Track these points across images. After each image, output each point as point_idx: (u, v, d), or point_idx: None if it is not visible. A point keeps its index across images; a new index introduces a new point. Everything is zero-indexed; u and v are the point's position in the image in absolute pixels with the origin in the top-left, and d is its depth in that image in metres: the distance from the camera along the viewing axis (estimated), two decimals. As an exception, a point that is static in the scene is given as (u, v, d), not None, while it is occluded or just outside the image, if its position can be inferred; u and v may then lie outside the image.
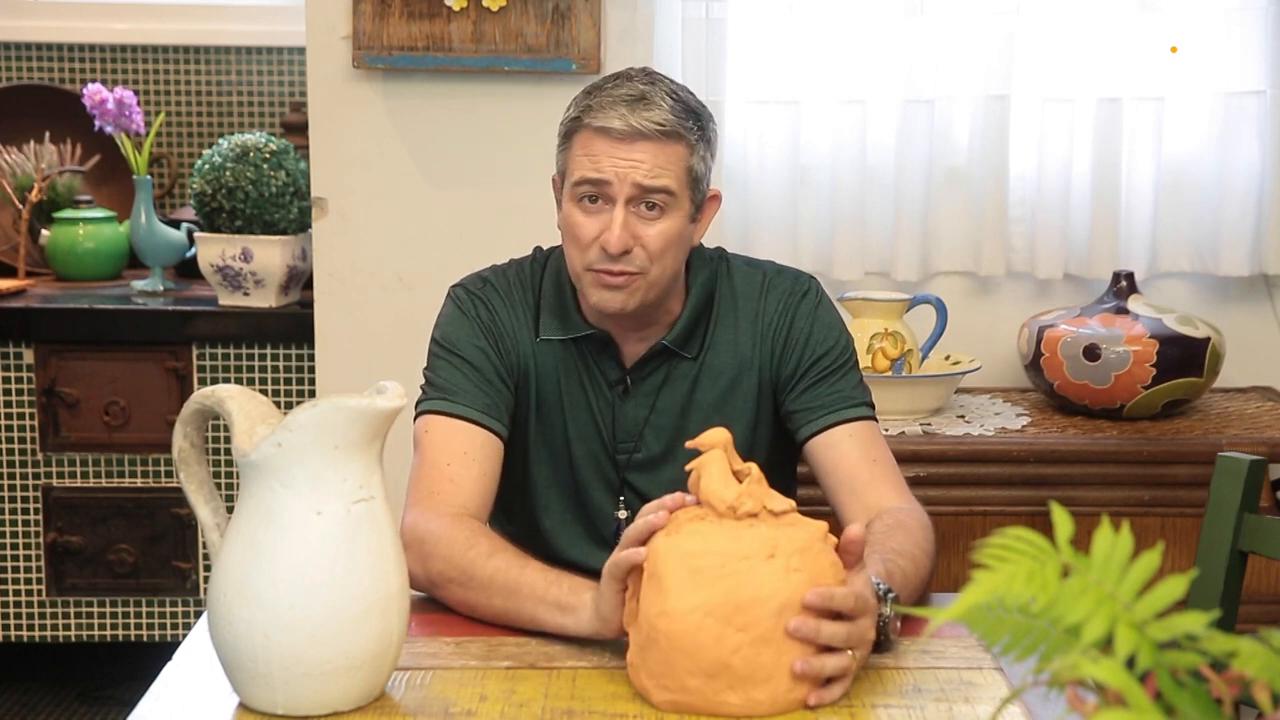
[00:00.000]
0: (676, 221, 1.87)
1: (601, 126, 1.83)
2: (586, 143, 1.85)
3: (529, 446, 2.00)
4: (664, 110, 1.84)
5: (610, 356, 1.98)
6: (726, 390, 1.99)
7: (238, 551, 1.48)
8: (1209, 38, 2.99)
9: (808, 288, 2.02)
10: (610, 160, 1.83)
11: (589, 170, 1.85)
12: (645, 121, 1.82)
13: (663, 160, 1.84)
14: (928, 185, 3.04)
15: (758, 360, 1.98)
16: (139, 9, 3.66)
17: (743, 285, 2.01)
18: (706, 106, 1.92)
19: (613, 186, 1.84)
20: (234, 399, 1.51)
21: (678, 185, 1.85)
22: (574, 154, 1.87)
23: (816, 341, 1.98)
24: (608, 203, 1.85)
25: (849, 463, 1.92)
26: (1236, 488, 1.88)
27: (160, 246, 3.38)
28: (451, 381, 1.93)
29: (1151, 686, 0.90)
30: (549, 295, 1.99)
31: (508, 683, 1.59)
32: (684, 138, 1.85)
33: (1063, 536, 0.93)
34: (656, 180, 1.84)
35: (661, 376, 1.98)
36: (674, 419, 1.98)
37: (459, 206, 3.04)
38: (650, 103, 1.84)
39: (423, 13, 2.92)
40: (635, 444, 1.99)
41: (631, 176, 1.83)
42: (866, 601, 1.55)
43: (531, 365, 1.97)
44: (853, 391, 1.97)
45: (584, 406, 1.98)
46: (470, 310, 1.97)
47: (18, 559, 3.28)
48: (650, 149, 1.83)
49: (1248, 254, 3.04)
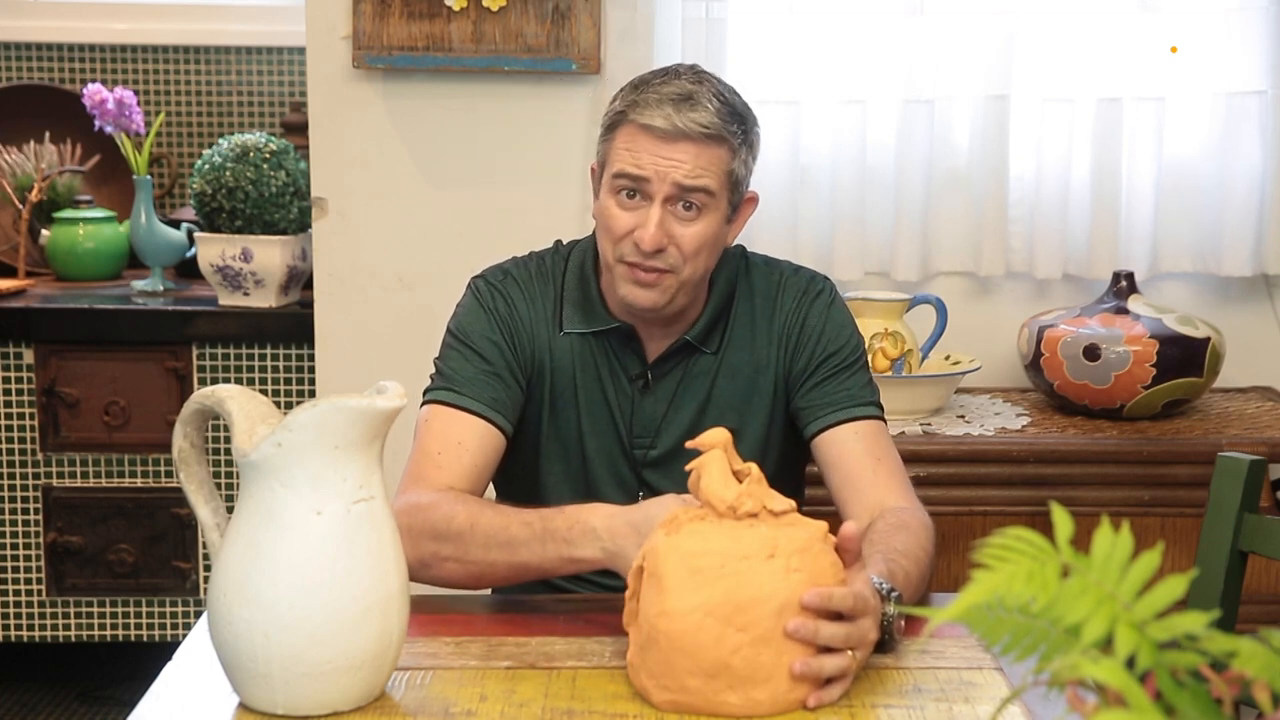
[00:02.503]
0: (712, 223, 1.87)
1: (646, 124, 1.83)
2: (630, 137, 1.85)
3: (541, 443, 1.99)
4: (709, 112, 1.83)
5: (633, 351, 1.98)
6: (744, 388, 1.99)
7: (238, 551, 1.48)
8: (1209, 38, 2.99)
9: (822, 287, 2.03)
10: (652, 158, 1.83)
11: (629, 165, 1.85)
12: (689, 122, 1.82)
13: (704, 162, 1.84)
14: (928, 185, 3.04)
15: (773, 358, 1.99)
16: (139, 9, 3.66)
17: (760, 283, 2.01)
18: (751, 109, 1.92)
19: (652, 184, 1.84)
20: (234, 399, 1.51)
21: (717, 187, 1.86)
22: (616, 146, 1.87)
23: (828, 339, 1.98)
24: (645, 199, 1.85)
25: (852, 460, 1.92)
26: (1236, 488, 1.88)
27: (160, 246, 3.38)
28: (459, 372, 1.93)
29: (1151, 686, 0.90)
30: (572, 288, 1.99)
31: (508, 683, 1.59)
32: (727, 140, 1.85)
33: (1063, 536, 0.93)
34: (697, 181, 1.84)
35: (682, 372, 1.98)
36: (692, 415, 1.98)
37: (459, 206, 3.04)
38: (696, 103, 1.84)
39: (423, 13, 2.92)
40: (653, 439, 1.99)
41: (672, 176, 1.83)
42: (866, 601, 1.55)
43: (548, 360, 1.97)
44: (861, 390, 1.97)
45: (600, 401, 1.98)
46: (488, 303, 1.97)
47: (18, 559, 3.28)
48: (692, 150, 1.83)
49: (1248, 254, 3.04)
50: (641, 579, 1.55)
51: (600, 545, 1.68)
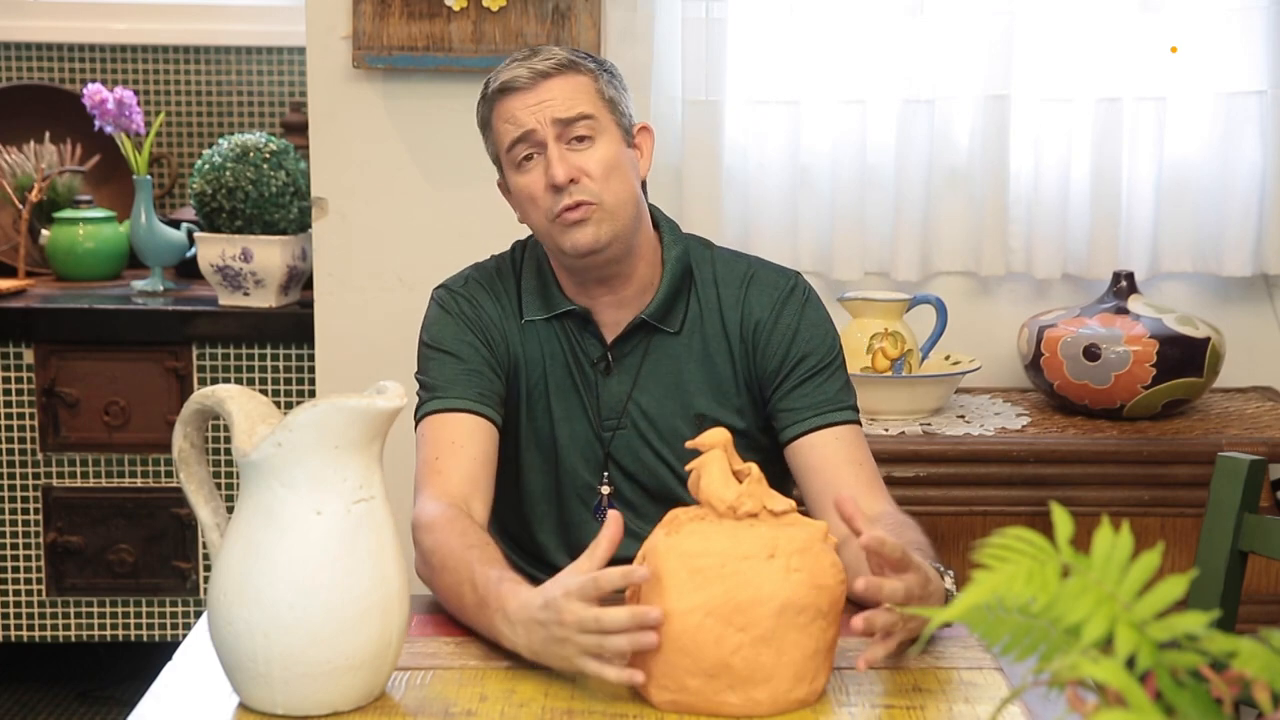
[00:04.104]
0: (610, 146, 1.92)
1: (505, 85, 1.92)
2: (500, 110, 1.93)
3: (520, 434, 2.02)
4: (557, 54, 1.93)
5: (591, 334, 2.00)
6: (713, 372, 2.00)
7: (238, 551, 1.48)
8: (1209, 38, 2.99)
9: (794, 283, 2.02)
10: (525, 111, 1.91)
11: (512, 129, 1.92)
12: (542, 64, 1.92)
13: (570, 90, 1.91)
14: (928, 185, 3.04)
15: (740, 350, 1.99)
16: (139, 9, 3.66)
17: (725, 272, 2.02)
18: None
19: (537, 132, 1.90)
20: (234, 399, 1.51)
21: (594, 109, 1.92)
22: (496, 129, 1.95)
23: (802, 340, 1.98)
24: (540, 150, 1.91)
25: (831, 466, 1.92)
26: (1236, 488, 1.88)
27: (160, 246, 3.38)
28: (439, 378, 1.95)
29: (1151, 686, 0.90)
30: (529, 278, 2.02)
31: (508, 683, 1.59)
32: (582, 66, 1.94)
33: (1063, 536, 0.94)
34: (573, 110, 1.91)
35: (643, 351, 2.00)
36: (657, 396, 1.99)
37: (459, 206, 3.04)
38: (541, 52, 1.94)
39: (423, 13, 2.93)
40: (619, 420, 2.00)
41: (549, 114, 1.90)
42: (910, 558, 1.58)
43: (520, 353, 2.00)
44: (838, 394, 1.97)
45: (569, 388, 2.00)
46: (454, 308, 2.00)
47: (18, 559, 3.28)
48: (556, 85, 1.91)
49: (1249, 254, 3.04)
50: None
51: (514, 633, 1.60)
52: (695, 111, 3.00)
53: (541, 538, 2.04)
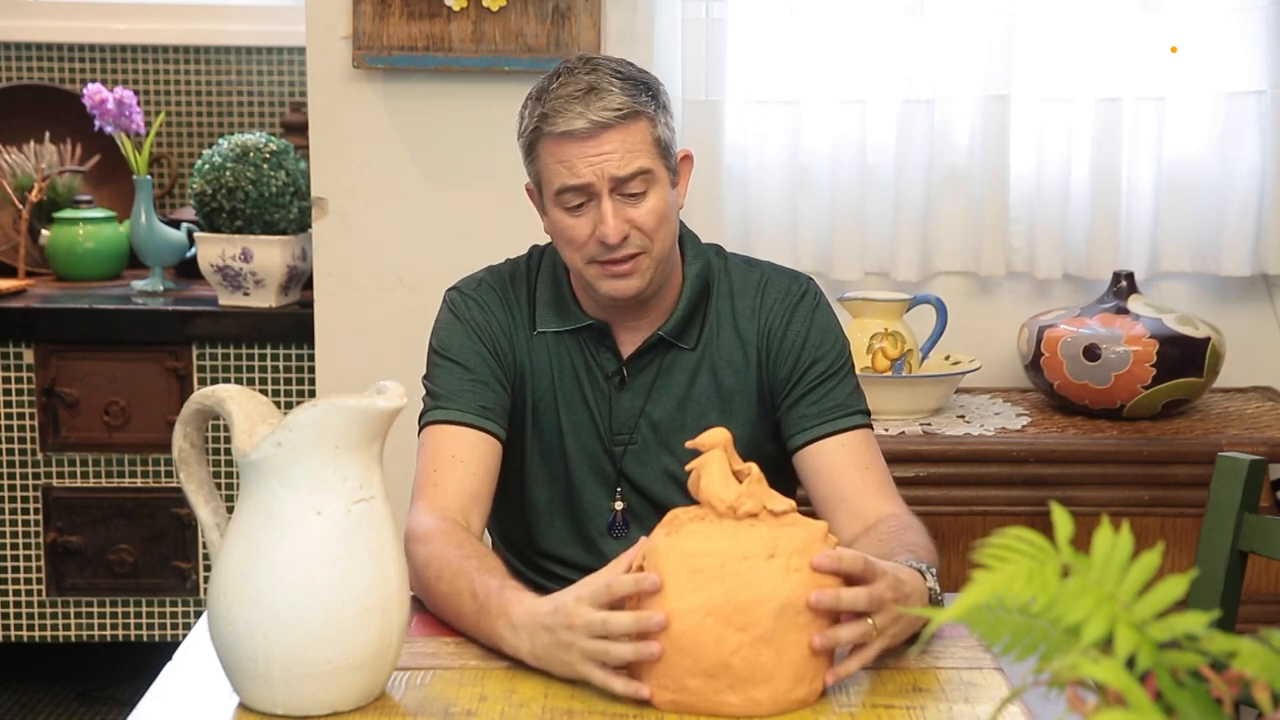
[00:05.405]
0: (660, 195, 1.89)
1: (565, 131, 1.84)
2: (554, 150, 1.86)
3: (525, 445, 2.00)
4: (616, 94, 1.85)
5: (607, 348, 1.98)
6: (726, 386, 1.98)
7: (238, 551, 1.49)
8: (1209, 38, 2.99)
9: (805, 289, 2.01)
10: (583, 162, 1.85)
11: (567, 178, 1.86)
12: (603, 112, 1.83)
13: (630, 143, 1.85)
14: (928, 185, 3.04)
15: (755, 359, 1.98)
16: (139, 9, 3.66)
17: (740, 282, 2.01)
18: (648, 72, 1.94)
19: (594, 185, 1.85)
20: (234, 399, 1.51)
21: (651, 161, 1.87)
22: (545, 163, 1.88)
23: (813, 345, 1.97)
24: (592, 199, 1.86)
25: (838, 471, 1.92)
26: (1236, 488, 1.88)
27: (160, 246, 3.38)
28: (445, 388, 1.94)
29: (1151, 686, 0.90)
30: (545, 289, 2.00)
31: (508, 683, 1.59)
32: (642, 113, 1.86)
33: (1063, 536, 0.94)
34: (631, 166, 1.85)
35: (658, 368, 1.98)
36: (670, 411, 1.98)
37: (459, 206, 3.04)
38: (601, 91, 1.85)
39: (423, 13, 2.92)
40: (631, 435, 1.99)
41: (608, 170, 1.85)
42: (874, 566, 1.56)
43: (527, 363, 1.98)
44: (847, 399, 1.96)
45: (580, 401, 1.98)
46: (464, 313, 1.98)
47: (18, 559, 3.28)
48: (616, 137, 1.84)
49: (1248, 254, 3.04)
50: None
51: (517, 639, 1.61)
52: (695, 111, 3.00)
53: (546, 548, 2.03)
